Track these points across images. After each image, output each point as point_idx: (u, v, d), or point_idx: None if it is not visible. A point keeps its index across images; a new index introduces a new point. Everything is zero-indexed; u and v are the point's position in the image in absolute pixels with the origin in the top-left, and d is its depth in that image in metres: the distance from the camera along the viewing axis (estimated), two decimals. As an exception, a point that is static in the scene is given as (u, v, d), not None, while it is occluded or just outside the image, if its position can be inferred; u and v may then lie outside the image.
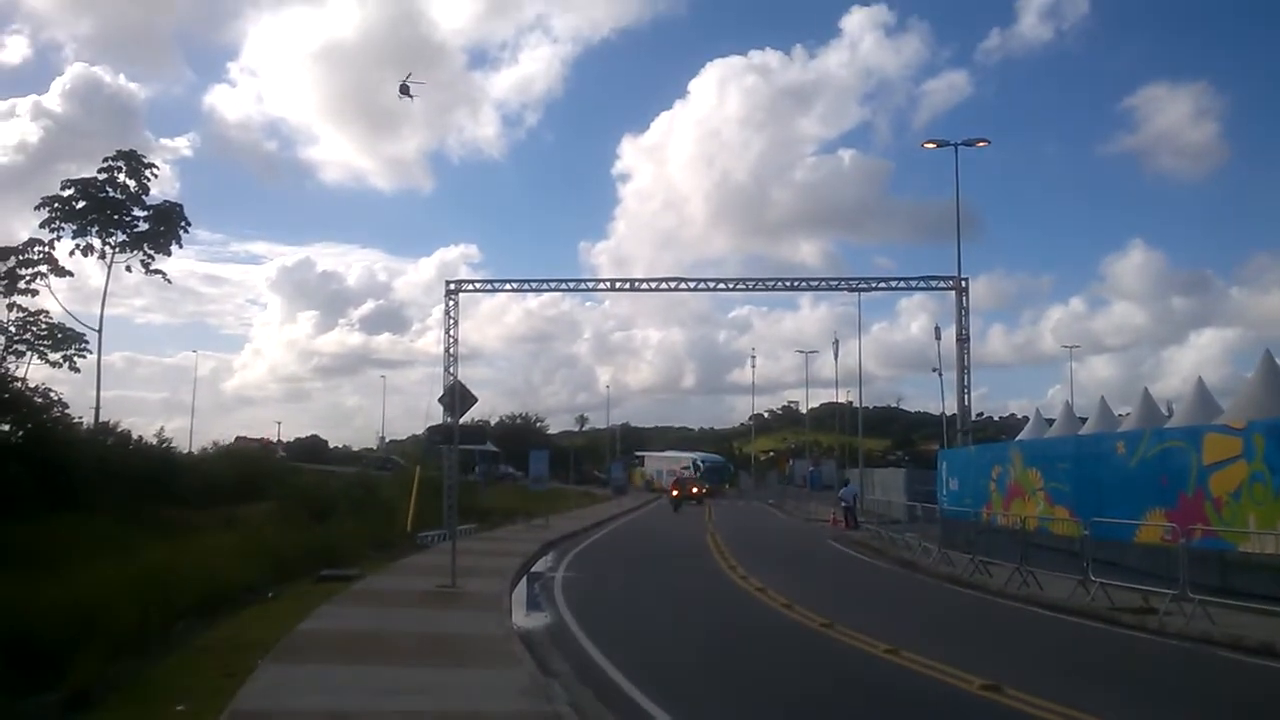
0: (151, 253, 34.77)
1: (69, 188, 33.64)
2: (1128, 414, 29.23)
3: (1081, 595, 17.11)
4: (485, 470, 68.20)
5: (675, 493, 61.68)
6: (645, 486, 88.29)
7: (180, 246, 36.06)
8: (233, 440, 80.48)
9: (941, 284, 36.68)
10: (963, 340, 35.31)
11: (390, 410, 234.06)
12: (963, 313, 35.29)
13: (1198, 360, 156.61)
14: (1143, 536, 19.14)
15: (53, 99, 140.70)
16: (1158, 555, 17.75)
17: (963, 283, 35.58)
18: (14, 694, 8.60)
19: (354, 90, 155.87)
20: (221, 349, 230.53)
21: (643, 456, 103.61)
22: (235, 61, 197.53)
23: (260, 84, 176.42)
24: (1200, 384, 24.84)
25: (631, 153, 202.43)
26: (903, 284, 41.85)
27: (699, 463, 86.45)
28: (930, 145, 36.65)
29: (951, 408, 39.64)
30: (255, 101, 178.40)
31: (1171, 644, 13.89)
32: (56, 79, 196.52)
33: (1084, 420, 30.99)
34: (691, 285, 40.43)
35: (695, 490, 64.70)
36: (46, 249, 33.26)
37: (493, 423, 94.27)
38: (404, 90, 33.59)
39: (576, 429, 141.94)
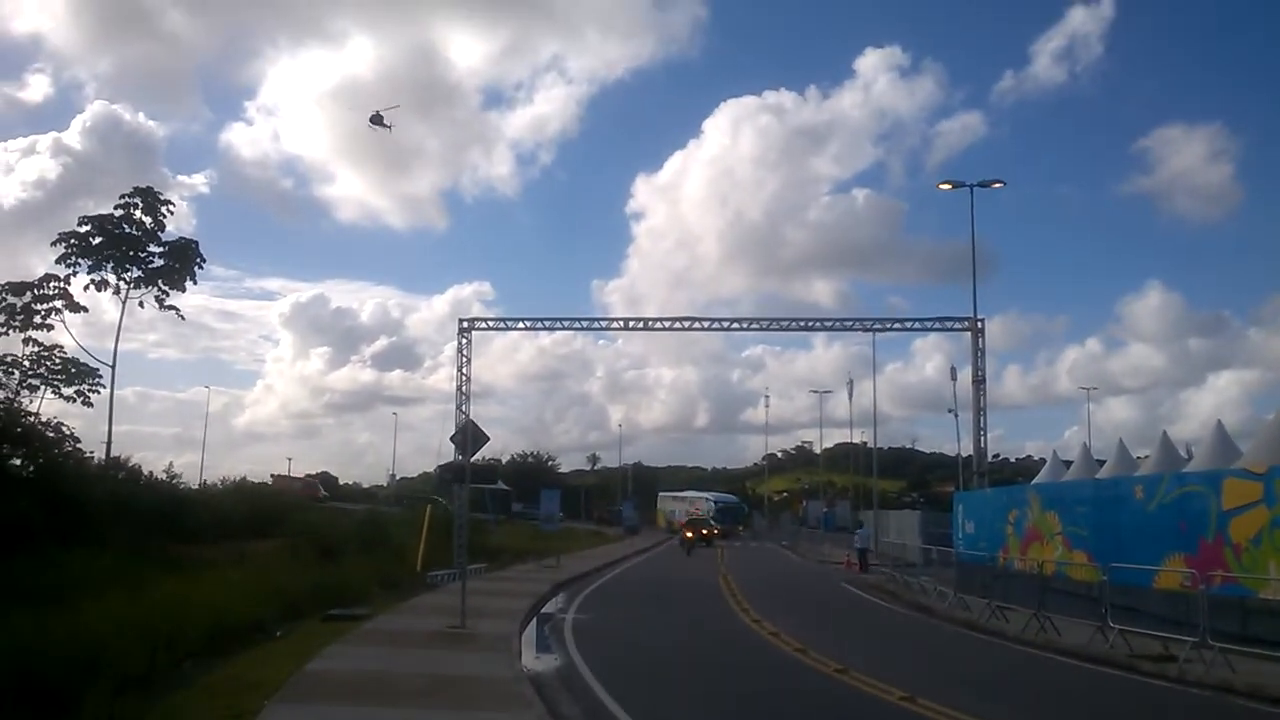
0: (166, 289, 34.84)
1: (86, 224, 33.87)
2: (1146, 456, 28.90)
3: (1100, 642, 16.87)
4: (497, 509, 67.79)
5: (688, 534, 57.96)
6: (667, 527, 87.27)
7: (195, 283, 36.18)
8: (272, 479, 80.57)
9: (957, 325, 36.57)
10: (979, 381, 35.13)
11: (401, 448, 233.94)
12: (978, 354, 35.15)
13: (1216, 402, 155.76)
14: (1162, 582, 18.86)
15: (73, 136, 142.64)
16: (1177, 601, 17.49)
17: (978, 324, 35.47)
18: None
19: (369, 130, 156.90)
20: (234, 385, 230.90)
21: (664, 496, 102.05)
22: (252, 100, 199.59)
23: (277, 123, 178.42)
24: (1219, 427, 24.56)
25: (645, 192, 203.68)
26: (917, 325, 41.76)
27: (712, 502, 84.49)
28: (946, 186, 36.57)
29: (967, 449, 39.42)
30: (271, 140, 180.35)
31: (1191, 692, 13.68)
32: (77, 116, 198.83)
33: (1102, 463, 30.68)
34: (705, 325, 40.44)
35: (705, 532, 61.86)
36: (62, 284, 33.44)
37: (504, 461, 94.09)
38: (376, 120, 33.34)
39: (588, 468, 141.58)
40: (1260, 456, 19.60)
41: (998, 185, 36.43)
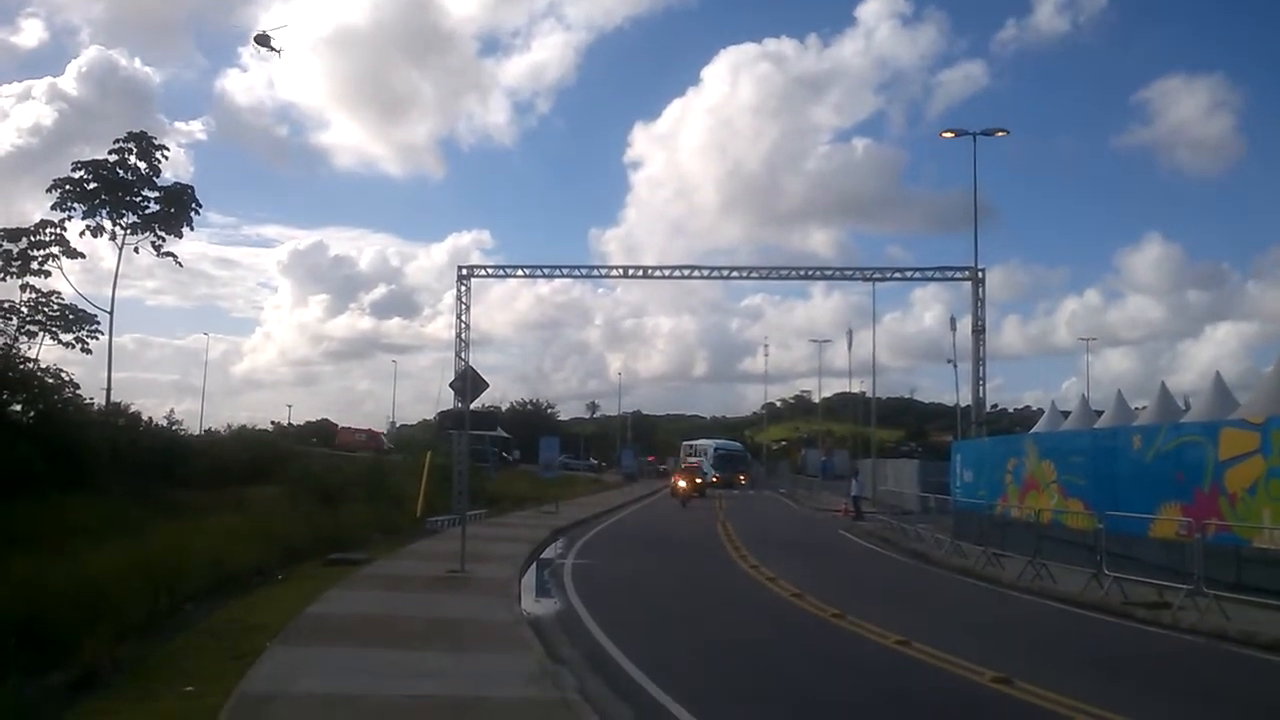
0: (162, 234, 34.59)
1: (80, 169, 33.57)
2: (1144, 407, 28.99)
3: (1095, 589, 17.00)
4: (496, 456, 68.02)
5: (680, 484, 49.31)
6: None
7: (191, 229, 35.82)
8: (337, 430, 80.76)
9: (957, 275, 36.46)
10: (978, 331, 35.09)
11: (401, 395, 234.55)
12: (979, 304, 35.07)
13: (1214, 354, 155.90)
14: (1157, 531, 18.98)
15: (68, 81, 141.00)
16: (1172, 550, 17.59)
17: (979, 274, 35.36)
18: (23, 673, 8.58)
19: (365, 76, 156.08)
20: (232, 332, 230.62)
21: (692, 445, 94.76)
22: (246, 46, 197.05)
23: (271, 69, 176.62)
24: (1218, 378, 24.60)
25: (643, 140, 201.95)
26: (918, 274, 41.63)
27: (711, 449, 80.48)
28: (949, 134, 36.28)
29: (966, 399, 39.48)
30: (266, 87, 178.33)
31: (1185, 639, 13.79)
32: (72, 61, 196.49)
33: (1100, 413, 30.78)
34: (705, 273, 40.25)
35: (700, 481, 55.31)
36: (58, 230, 33.21)
37: (504, 409, 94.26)
38: (262, 41, 31.94)
39: (588, 416, 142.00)
40: (1258, 408, 19.66)
41: (1001, 134, 36.23)
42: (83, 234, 33.58)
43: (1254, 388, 23.28)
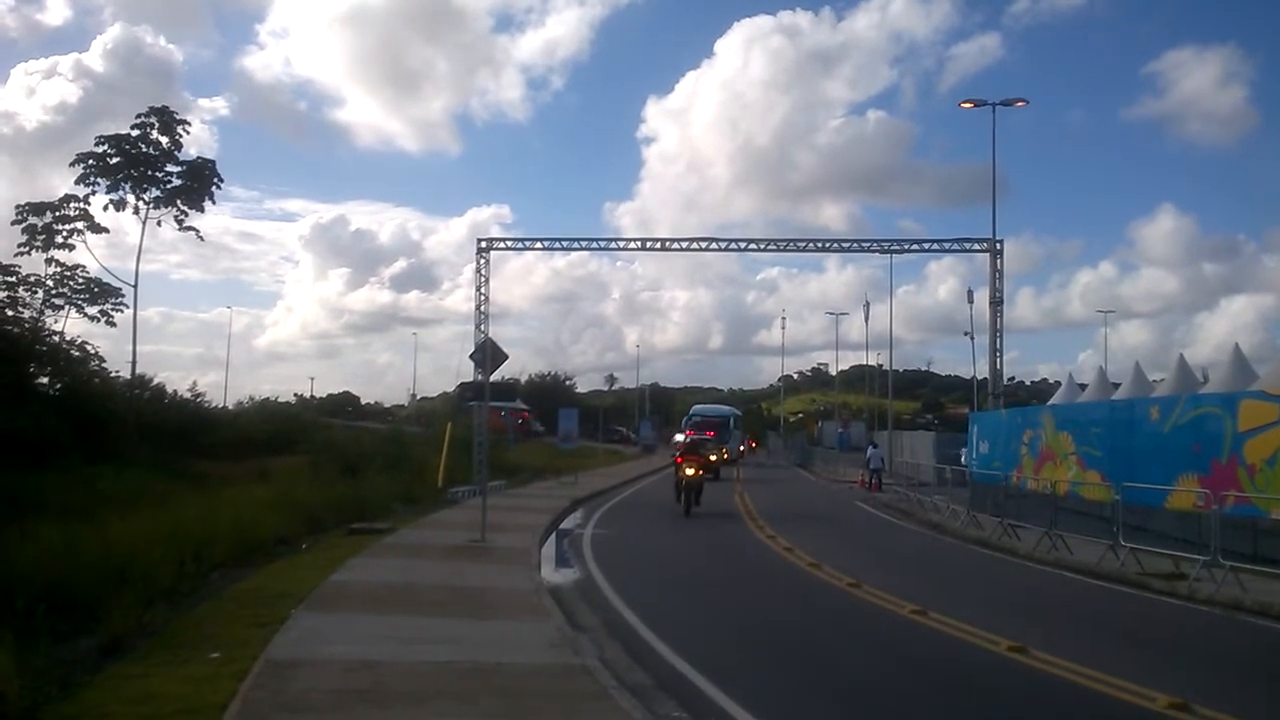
0: (185, 209, 34.83)
1: (103, 143, 33.77)
2: (1162, 380, 28.88)
3: (1111, 560, 17.04)
4: (515, 428, 68.00)
5: (689, 471, 28.64)
6: None
7: (213, 203, 36.09)
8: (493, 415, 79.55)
9: (975, 246, 36.28)
10: (996, 303, 34.96)
11: (421, 368, 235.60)
12: (997, 275, 34.91)
13: (1230, 327, 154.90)
14: (1174, 502, 18.95)
15: (94, 58, 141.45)
16: (1189, 521, 17.61)
17: (997, 245, 35.18)
18: (53, 639, 8.79)
19: (379, 53, 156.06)
20: (255, 305, 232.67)
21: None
22: (262, 24, 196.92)
23: (288, 46, 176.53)
24: (1237, 350, 24.46)
25: (656, 115, 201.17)
26: (935, 246, 41.41)
27: (693, 417, 65.94)
28: (968, 105, 36.07)
29: (982, 371, 39.40)
30: (284, 64, 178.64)
31: (1201, 610, 13.82)
32: (98, 38, 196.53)
33: (1117, 385, 30.66)
34: (722, 245, 40.12)
35: (714, 458, 40.88)
36: (82, 205, 33.46)
37: (522, 381, 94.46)
38: None
39: (606, 388, 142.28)
40: (1278, 380, 19.55)
41: (1020, 104, 36.05)
42: (106, 208, 33.90)
43: (1272, 360, 23.17)
